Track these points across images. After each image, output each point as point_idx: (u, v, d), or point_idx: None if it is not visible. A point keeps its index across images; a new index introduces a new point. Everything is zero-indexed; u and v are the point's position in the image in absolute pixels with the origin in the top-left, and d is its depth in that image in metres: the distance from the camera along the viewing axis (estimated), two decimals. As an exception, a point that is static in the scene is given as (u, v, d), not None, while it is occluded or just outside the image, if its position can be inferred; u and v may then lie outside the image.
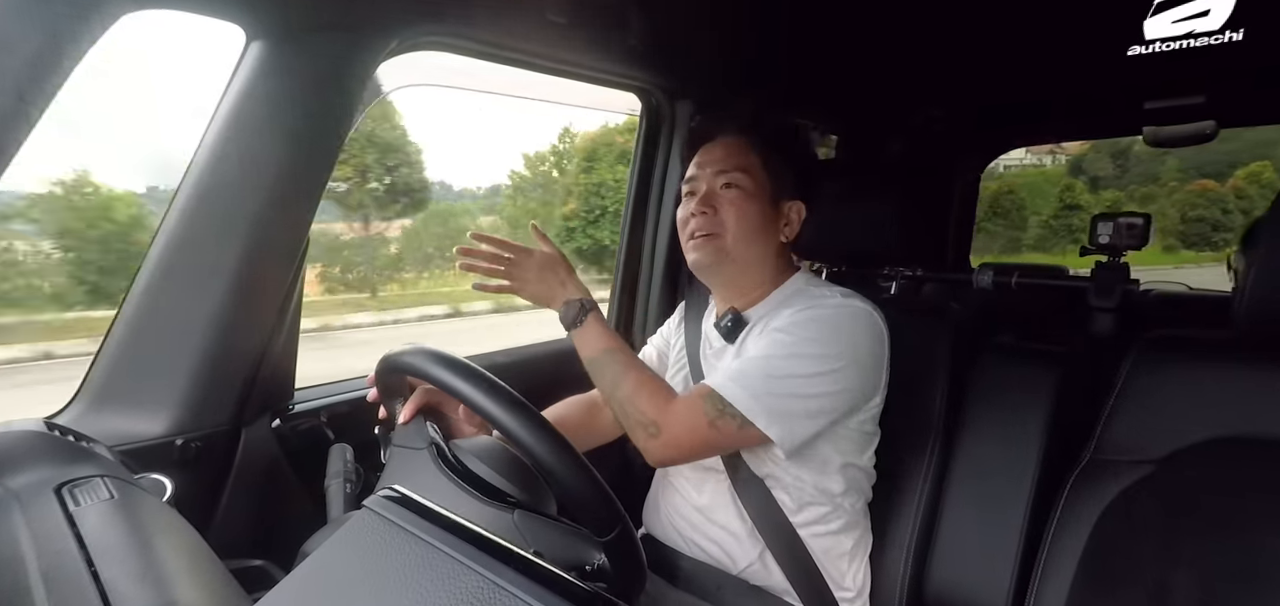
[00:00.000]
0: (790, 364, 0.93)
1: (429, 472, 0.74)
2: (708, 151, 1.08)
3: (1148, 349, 1.01)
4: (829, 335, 0.95)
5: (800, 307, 0.99)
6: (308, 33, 0.95)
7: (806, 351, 0.93)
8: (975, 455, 1.15)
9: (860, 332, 0.98)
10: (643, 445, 0.95)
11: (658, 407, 0.94)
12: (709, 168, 1.06)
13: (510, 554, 0.48)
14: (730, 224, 1.03)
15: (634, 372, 0.97)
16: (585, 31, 1.28)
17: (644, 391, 0.95)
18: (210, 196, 0.96)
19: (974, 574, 1.11)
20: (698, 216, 1.04)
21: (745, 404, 0.91)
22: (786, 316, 0.98)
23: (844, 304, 0.99)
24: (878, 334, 0.99)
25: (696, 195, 1.06)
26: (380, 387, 0.85)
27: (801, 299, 1.03)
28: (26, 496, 0.61)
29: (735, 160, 1.04)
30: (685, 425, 0.93)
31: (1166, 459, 0.94)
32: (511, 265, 1.03)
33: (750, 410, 0.91)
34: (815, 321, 0.96)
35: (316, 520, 0.80)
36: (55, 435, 0.74)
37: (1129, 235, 1.43)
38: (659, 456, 0.96)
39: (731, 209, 1.03)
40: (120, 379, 0.97)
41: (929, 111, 2.08)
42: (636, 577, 0.66)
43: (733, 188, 1.04)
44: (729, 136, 1.07)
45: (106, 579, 0.52)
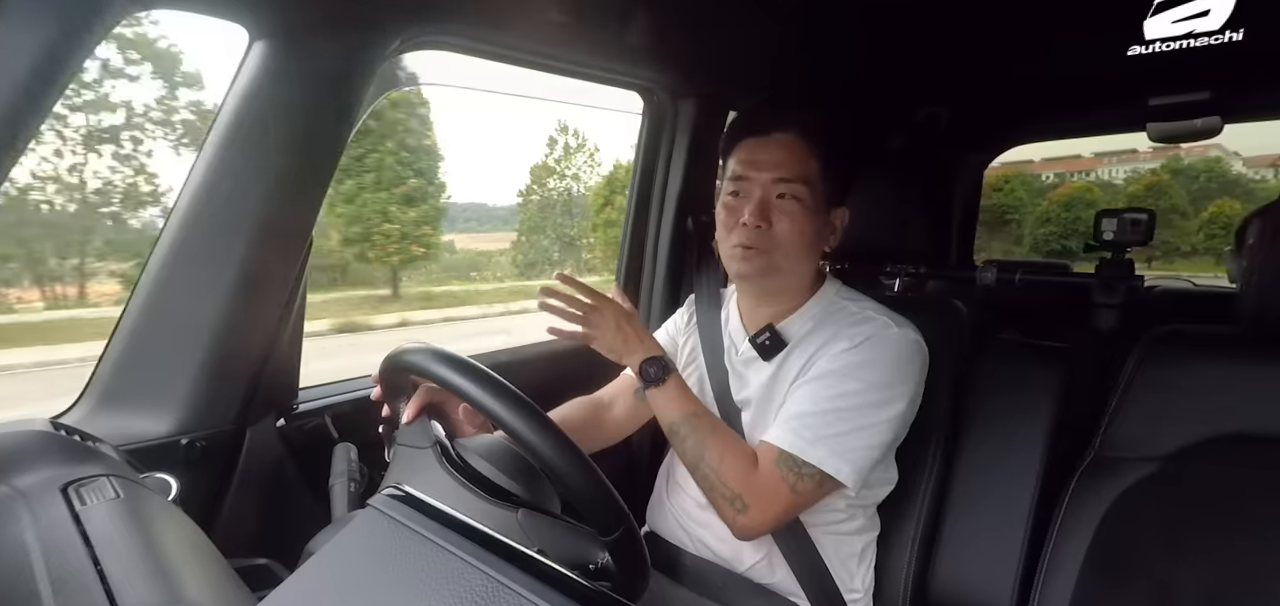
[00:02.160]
0: (858, 405, 0.90)
1: (433, 471, 0.75)
2: (762, 150, 0.98)
3: (1153, 345, 1.01)
4: (893, 371, 0.93)
5: (855, 335, 0.95)
6: (311, 32, 0.96)
7: (872, 392, 0.91)
8: (979, 453, 1.15)
9: (917, 364, 0.96)
10: (729, 519, 0.92)
11: (742, 479, 0.90)
12: (767, 171, 0.96)
13: (515, 553, 0.48)
14: (784, 240, 0.96)
15: (717, 438, 0.94)
16: (587, 30, 1.28)
17: (728, 460, 0.92)
18: (215, 196, 0.96)
19: (978, 572, 1.11)
20: (750, 228, 0.96)
21: (820, 458, 0.88)
22: (842, 347, 0.94)
23: (902, 335, 0.96)
24: (925, 361, 0.98)
25: (747, 199, 0.97)
26: (384, 386, 0.85)
27: (845, 319, 0.99)
28: (33, 495, 0.62)
29: (797, 167, 0.96)
30: (770, 498, 0.90)
31: (1172, 455, 0.94)
32: (590, 311, 1.00)
33: (826, 463, 0.88)
34: (879, 360, 0.93)
35: (321, 519, 0.80)
36: (61, 434, 0.74)
37: (1133, 231, 1.42)
38: (748, 533, 0.93)
39: (789, 223, 0.96)
40: (126, 378, 0.98)
41: (932, 108, 2.07)
42: (640, 576, 0.66)
43: (792, 200, 0.96)
44: (788, 135, 0.97)
45: (113, 577, 0.53)
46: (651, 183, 1.72)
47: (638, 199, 1.73)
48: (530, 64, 1.34)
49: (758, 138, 0.99)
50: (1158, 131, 1.75)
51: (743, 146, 1.00)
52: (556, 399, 1.16)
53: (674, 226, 1.69)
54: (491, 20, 1.17)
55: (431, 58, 1.17)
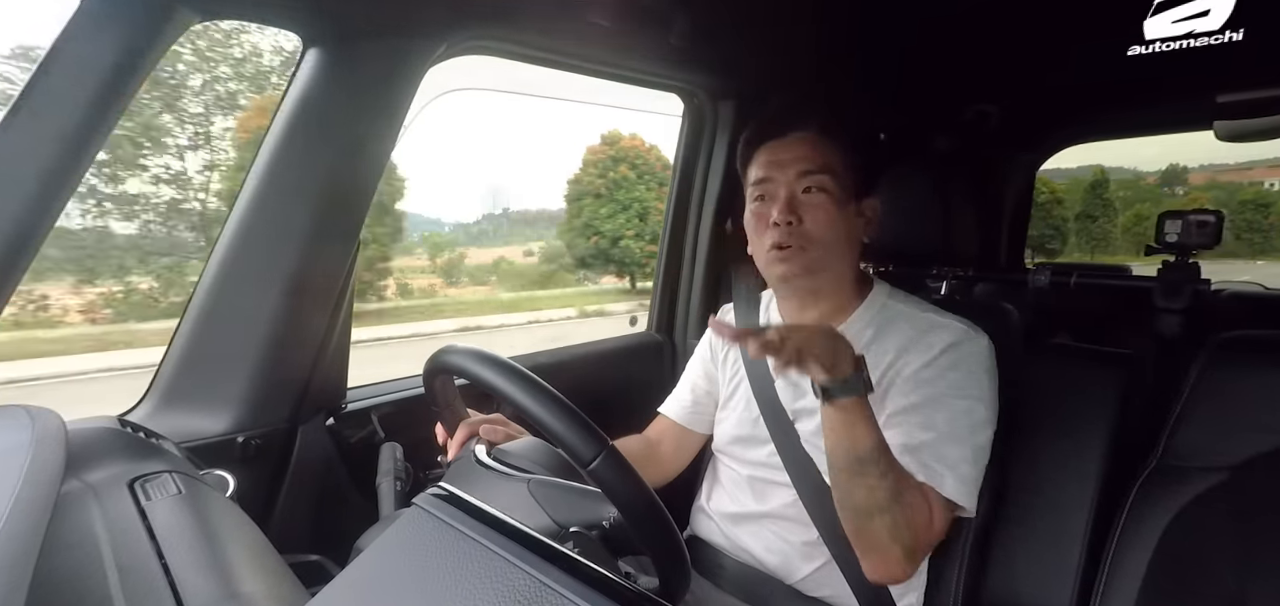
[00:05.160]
0: (968, 425, 0.87)
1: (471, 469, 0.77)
2: (783, 148, 0.96)
3: (1220, 351, 0.97)
4: (982, 382, 0.90)
5: (931, 344, 0.91)
6: (361, 38, 0.98)
7: (977, 410, 0.88)
8: (1033, 461, 1.11)
9: (995, 370, 0.93)
10: (892, 566, 0.83)
11: (926, 527, 0.83)
12: (790, 167, 0.95)
13: (557, 554, 0.48)
14: (817, 232, 0.94)
15: (908, 480, 0.84)
16: (628, 33, 1.28)
17: (917, 506, 0.82)
18: (269, 200, 0.99)
19: (1032, 585, 1.07)
20: (781, 227, 0.93)
21: (953, 489, 0.84)
22: (924, 358, 0.91)
23: (980, 342, 0.93)
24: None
25: (773, 200, 0.95)
26: (428, 392, 0.85)
27: (910, 326, 0.95)
28: (102, 490, 0.65)
29: (819, 158, 0.94)
30: (926, 535, 0.84)
31: (1242, 465, 0.90)
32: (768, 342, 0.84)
33: (958, 493, 0.85)
34: (970, 372, 0.90)
35: (368, 516, 0.82)
36: (128, 432, 0.78)
37: (1199, 233, 1.36)
38: (902, 579, 0.87)
39: (819, 215, 0.94)
40: (186, 379, 1.02)
41: (981, 106, 2.02)
42: (681, 580, 0.66)
43: (818, 192, 0.94)
44: (808, 131, 0.96)
45: (175, 570, 0.55)
46: (691, 184, 1.71)
47: (676, 201, 1.72)
48: (573, 68, 1.35)
49: (776, 139, 0.97)
50: (1226, 129, 1.67)
51: (763, 151, 0.99)
52: (596, 399, 1.15)
53: (712, 229, 1.68)
54: (536, 24, 1.18)
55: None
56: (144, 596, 0.52)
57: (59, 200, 0.75)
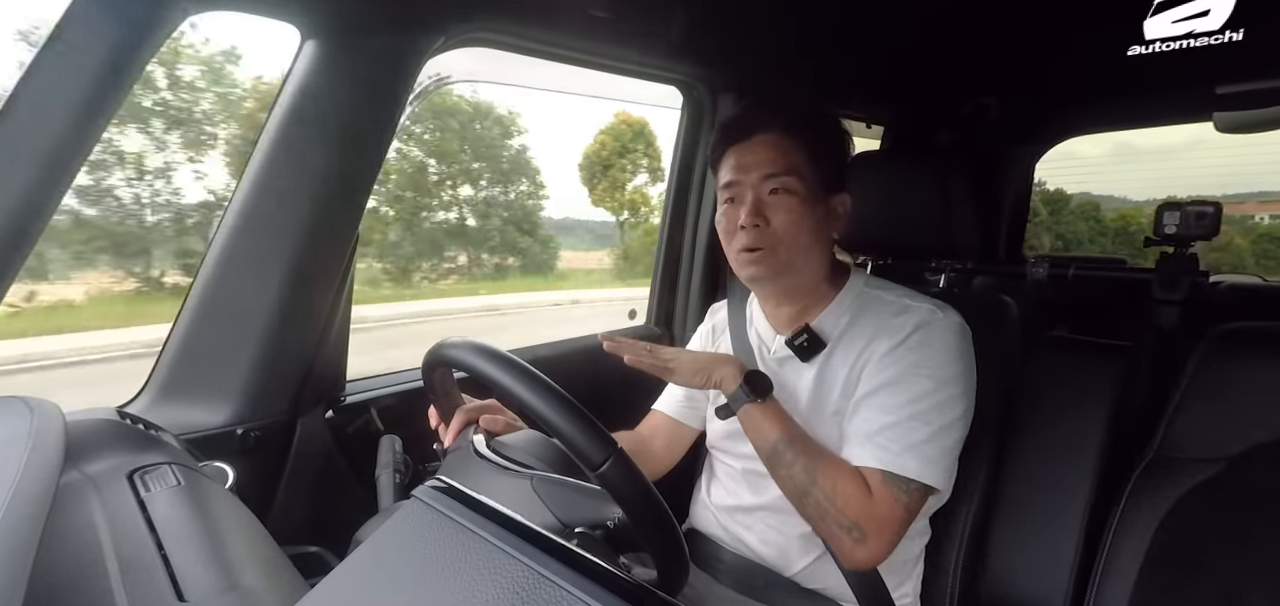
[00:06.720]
0: (934, 405, 0.88)
1: (469, 462, 0.77)
2: (748, 151, 0.97)
3: (1218, 343, 0.97)
4: (953, 361, 0.91)
5: (902, 326, 0.93)
6: (359, 30, 0.98)
7: (943, 389, 0.89)
8: (1030, 453, 1.11)
9: (970, 349, 0.94)
10: (846, 550, 0.87)
11: (860, 507, 0.85)
12: (754, 170, 0.96)
13: (555, 545, 0.48)
14: (784, 233, 0.95)
15: (825, 462, 0.88)
16: (628, 25, 1.28)
17: (840, 486, 0.86)
18: (267, 193, 0.99)
19: (1030, 575, 1.07)
20: (748, 230, 0.95)
21: (917, 470, 0.86)
22: (892, 342, 0.92)
23: (950, 320, 0.94)
24: (971, 345, 0.95)
25: (741, 203, 0.96)
26: (426, 383, 0.85)
27: (884, 310, 0.96)
28: (102, 481, 0.65)
29: (783, 160, 0.95)
30: (888, 524, 0.86)
31: (1239, 457, 0.90)
32: (647, 357, 0.96)
33: (924, 474, 0.86)
34: (938, 352, 0.91)
35: (367, 507, 0.82)
36: (127, 423, 0.78)
37: (1198, 224, 1.35)
38: (867, 563, 0.88)
39: (785, 216, 0.94)
40: (185, 371, 1.02)
41: (981, 99, 2.01)
42: (680, 572, 0.66)
43: (784, 193, 0.95)
44: (771, 133, 0.96)
45: (175, 561, 0.55)
46: (690, 178, 1.71)
47: (675, 195, 1.72)
48: (572, 60, 1.35)
49: (741, 142, 0.98)
50: (1225, 121, 1.67)
51: (729, 154, 0.99)
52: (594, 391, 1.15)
53: (711, 223, 1.67)
54: (535, 17, 1.18)
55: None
56: (143, 588, 0.52)
57: (56, 193, 0.74)
